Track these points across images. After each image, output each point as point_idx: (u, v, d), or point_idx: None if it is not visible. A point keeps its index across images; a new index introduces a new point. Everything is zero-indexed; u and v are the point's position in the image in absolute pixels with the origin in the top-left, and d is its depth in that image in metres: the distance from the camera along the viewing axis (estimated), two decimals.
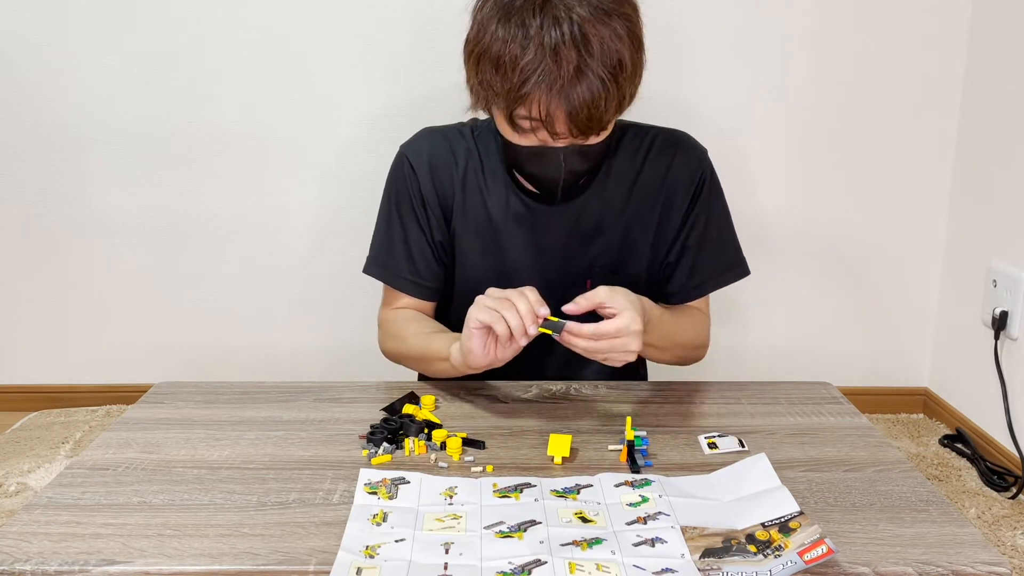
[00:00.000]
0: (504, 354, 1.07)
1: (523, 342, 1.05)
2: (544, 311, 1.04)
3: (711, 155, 1.31)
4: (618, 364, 1.07)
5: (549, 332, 1.05)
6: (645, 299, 1.16)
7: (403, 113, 2.05)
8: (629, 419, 1.02)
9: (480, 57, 1.06)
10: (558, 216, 1.26)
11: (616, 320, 1.04)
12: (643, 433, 1.04)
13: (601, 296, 1.06)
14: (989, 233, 1.99)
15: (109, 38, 2.02)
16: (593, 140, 1.11)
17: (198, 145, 2.09)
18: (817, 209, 2.15)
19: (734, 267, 1.33)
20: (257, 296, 2.19)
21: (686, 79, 2.05)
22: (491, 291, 1.07)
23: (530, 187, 1.24)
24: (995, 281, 1.95)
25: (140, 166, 2.11)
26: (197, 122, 2.08)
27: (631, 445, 1.00)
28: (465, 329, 1.07)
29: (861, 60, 2.05)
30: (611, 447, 1.03)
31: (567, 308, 1.06)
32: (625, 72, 1.04)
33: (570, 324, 1.04)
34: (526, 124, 1.08)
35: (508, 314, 1.03)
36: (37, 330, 2.23)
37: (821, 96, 2.07)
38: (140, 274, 2.18)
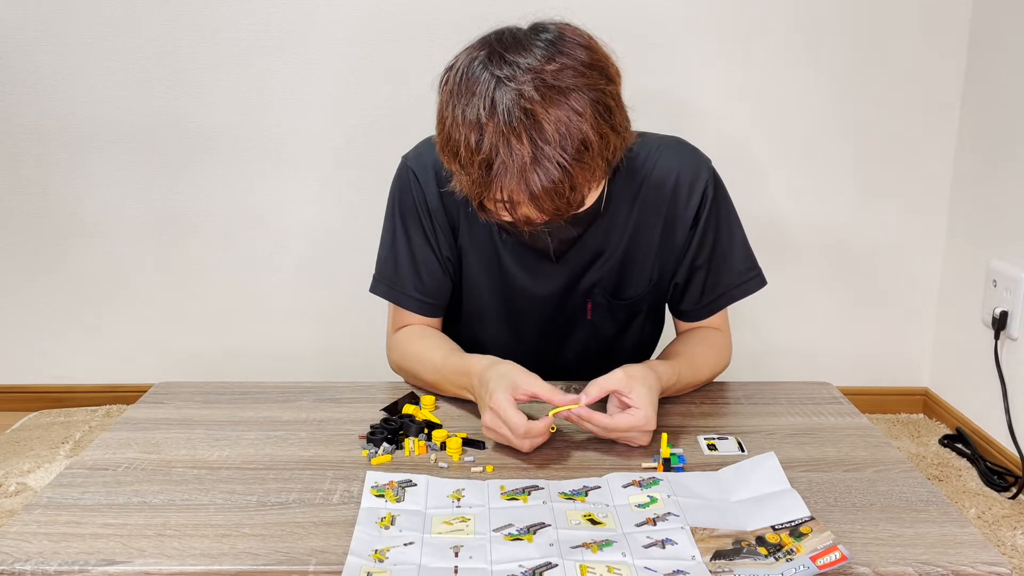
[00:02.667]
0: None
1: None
2: (560, 398, 1.02)
3: (710, 155, 1.25)
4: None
5: (563, 417, 1.03)
6: (660, 366, 1.11)
7: (402, 113, 2.05)
8: (665, 436, 1.00)
9: (443, 147, 1.00)
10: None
11: (630, 418, 1.01)
12: (679, 451, 1.01)
13: (617, 384, 1.03)
14: (989, 233, 1.99)
15: (109, 38, 2.03)
16: (572, 214, 1.02)
17: (198, 145, 2.09)
18: (817, 209, 2.15)
19: (748, 280, 1.27)
20: (257, 296, 2.19)
21: (685, 79, 2.05)
22: (497, 408, 1.01)
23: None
24: (995, 281, 1.95)
25: (140, 166, 2.11)
26: (197, 122, 2.08)
27: (667, 463, 0.98)
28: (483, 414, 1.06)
29: (861, 60, 2.05)
30: (645, 464, 0.99)
31: (579, 399, 1.03)
32: (591, 150, 0.95)
33: (583, 411, 1.02)
34: (495, 209, 1.01)
35: (506, 438, 1.02)
36: (37, 330, 2.23)
37: (821, 96, 2.07)
38: (140, 274, 2.18)
